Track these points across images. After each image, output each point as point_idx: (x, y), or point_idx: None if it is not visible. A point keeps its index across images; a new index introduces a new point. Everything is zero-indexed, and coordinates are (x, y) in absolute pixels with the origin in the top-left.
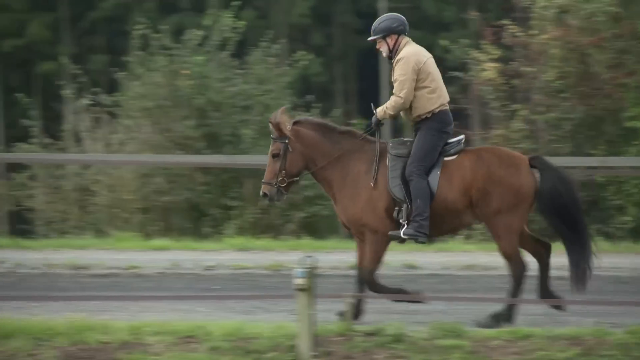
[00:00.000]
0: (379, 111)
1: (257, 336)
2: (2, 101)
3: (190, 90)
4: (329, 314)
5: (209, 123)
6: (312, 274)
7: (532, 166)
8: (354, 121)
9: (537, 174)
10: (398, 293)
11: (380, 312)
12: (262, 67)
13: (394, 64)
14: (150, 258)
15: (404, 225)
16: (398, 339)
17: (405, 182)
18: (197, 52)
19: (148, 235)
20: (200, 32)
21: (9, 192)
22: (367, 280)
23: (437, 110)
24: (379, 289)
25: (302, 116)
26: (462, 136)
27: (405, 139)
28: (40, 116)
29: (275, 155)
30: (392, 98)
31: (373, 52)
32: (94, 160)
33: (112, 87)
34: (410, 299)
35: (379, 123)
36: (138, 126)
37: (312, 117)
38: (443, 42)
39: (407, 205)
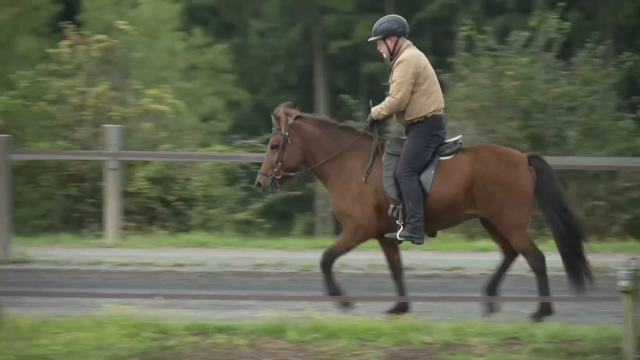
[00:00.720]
0: (374, 111)
1: (581, 338)
2: (329, 102)
3: (515, 92)
4: None
5: (534, 124)
6: (636, 276)
7: (530, 164)
8: None
9: (534, 172)
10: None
11: None
12: (587, 68)
13: (394, 65)
14: (474, 259)
15: (399, 227)
16: None
17: (398, 182)
18: (522, 54)
19: (471, 237)
20: (526, 33)
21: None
22: (325, 260)
23: (430, 115)
24: (329, 276)
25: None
26: (459, 136)
27: (402, 138)
28: (366, 117)
29: (273, 147)
30: (388, 99)
31: None
32: None
33: None
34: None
35: (374, 122)
36: (463, 127)
37: (316, 113)
38: None
39: (401, 206)
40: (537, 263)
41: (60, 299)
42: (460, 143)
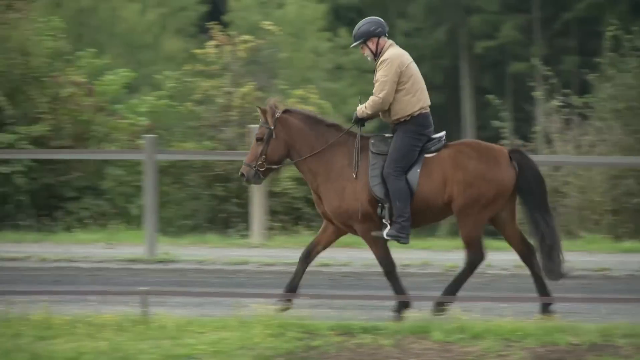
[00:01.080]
0: (358, 110)
1: None
2: (474, 102)
3: None
4: None
5: None
6: None
7: (512, 159)
8: None
9: (516, 167)
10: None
11: None
12: None
13: (377, 65)
14: (620, 260)
15: (386, 226)
16: None
17: (384, 181)
18: None
19: (618, 237)
20: None
21: None
22: (386, 271)
23: (417, 113)
24: (396, 284)
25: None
26: (442, 133)
27: (386, 135)
28: (511, 117)
29: (258, 139)
30: (371, 98)
31: None
32: (564, 162)
33: (583, 89)
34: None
35: (359, 121)
36: (608, 128)
37: (302, 108)
38: None
39: (389, 205)
40: (473, 261)
41: (204, 299)
42: (444, 140)
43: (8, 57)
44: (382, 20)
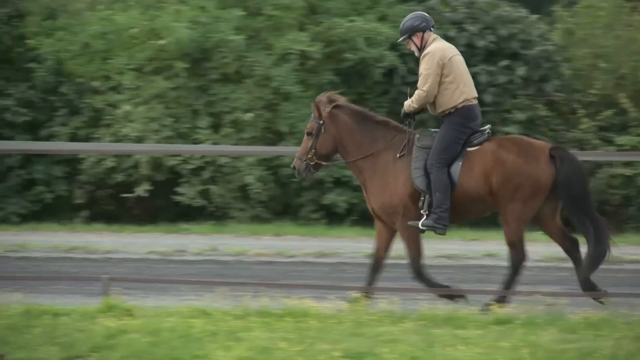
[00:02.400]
0: (406, 104)
1: None
2: None
3: None
4: None
5: None
6: None
7: (552, 156)
8: None
9: (557, 164)
10: (442, 288)
11: None
12: None
13: (421, 59)
14: None
15: (423, 216)
16: None
17: (427, 174)
18: None
19: None
20: None
21: None
22: (415, 270)
23: (461, 105)
24: (427, 282)
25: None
26: (487, 126)
27: (432, 130)
28: None
29: (309, 134)
30: (416, 92)
31: None
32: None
33: None
34: (453, 294)
35: (408, 115)
36: None
37: (353, 104)
38: None
39: (429, 197)
40: (517, 262)
41: None
42: (488, 133)
43: (634, 59)
44: (427, 15)
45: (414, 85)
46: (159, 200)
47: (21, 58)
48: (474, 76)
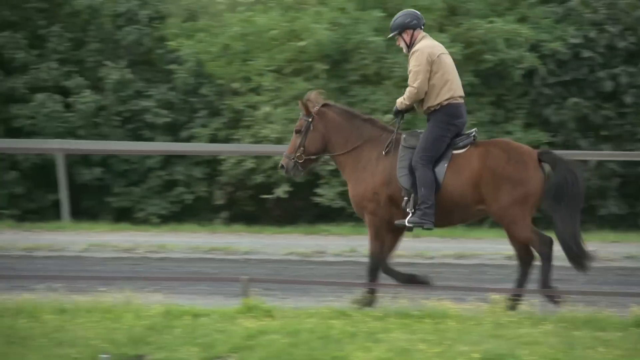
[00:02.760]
0: (398, 102)
1: None
2: None
3: None
4: None
5: None
6: None
7: (541, 161)
8: None
9: (547, 168)
10: (410, 279)
11: None
12: None
13: (410, 56)
14: None
15: (409, 214)
16: None
17: (412, 173)
18: None
19: None
20: None
21: None
22: (372, 265)
23: (446, 103)
24: (391, 273)
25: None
26: (473, 130)
27: (419, 131)
28: None
29: (297, 132)
30: (407, 89)
31: None
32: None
33: None
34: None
35: (399, 113)
36: None
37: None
38: None
39: (414, 195)
40: (544, 247)
41: None
42: (474, 136)
43: None
44: (418, 13)
45: (554, 86)
46: (298, 202)
47: (162, 60)
48: (614, 77)
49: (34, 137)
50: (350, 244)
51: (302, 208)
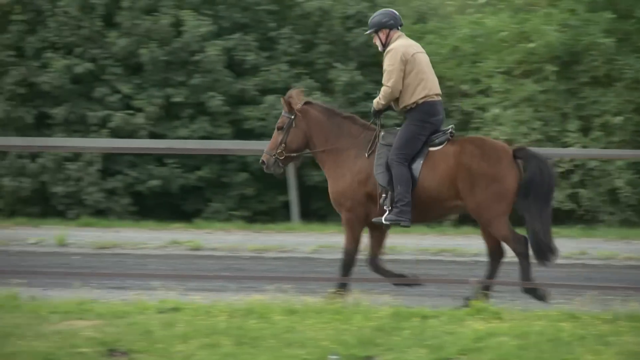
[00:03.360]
0: (375, 102)
1: None
2: None
3: None
4: None
5: None
6: None
7: (516, 157)
8: None
9: (521, 165)
10: (394, 276)
11: None
12: None
13: (384, 55)
14: None
15: (386, 211)
16: None
17: (388, 170)
18: None
19: None
20: None
21: None
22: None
23: (422, 101)
24: (381, 272)
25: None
26: (449, 127)
27: (397, 129)
28: None
29: (279, 128)
30: (382, 88)
31: None
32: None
33: None
34: (404, 282)
35: (377, 113)
36: None
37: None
38: None
39: (391, 192)
40: (520, 247)
41: None
42: (451, 133)
43: None
44: (396, 13)
45: None
46: None
47: None
48: None
49: (264, 139)
50: (580, 247)
51: None
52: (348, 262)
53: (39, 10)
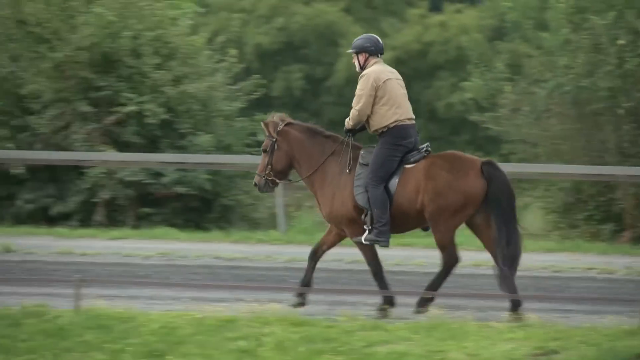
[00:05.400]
0: (346, 122)
1: None
2: None
3: None
4: None
5: None
6: None
7: (483, 170)
8: None
9: (486, 178)
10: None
11: None
12: None
13: (359, 78)
14: None
15: (366, 231)
16: None
17: (367, 191)
18: None
19: None
20: None
21: None
22: (373, 272)
23: (392, 125)
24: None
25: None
26: (425, 145)
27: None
28: None
29: (264, 151)
30: (351, 111)
31: None
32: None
33: None
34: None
35: (348, 132)
36: None
37: (304, 122)
38: None
39: (370, 213)
40: (449, 264)
41: None
42: (427, 151)
43: None
44: (380, 40)
45: None
46: None
47: None
48: None
49: None
50: None
51: None
52: (378, 274)
53: None
